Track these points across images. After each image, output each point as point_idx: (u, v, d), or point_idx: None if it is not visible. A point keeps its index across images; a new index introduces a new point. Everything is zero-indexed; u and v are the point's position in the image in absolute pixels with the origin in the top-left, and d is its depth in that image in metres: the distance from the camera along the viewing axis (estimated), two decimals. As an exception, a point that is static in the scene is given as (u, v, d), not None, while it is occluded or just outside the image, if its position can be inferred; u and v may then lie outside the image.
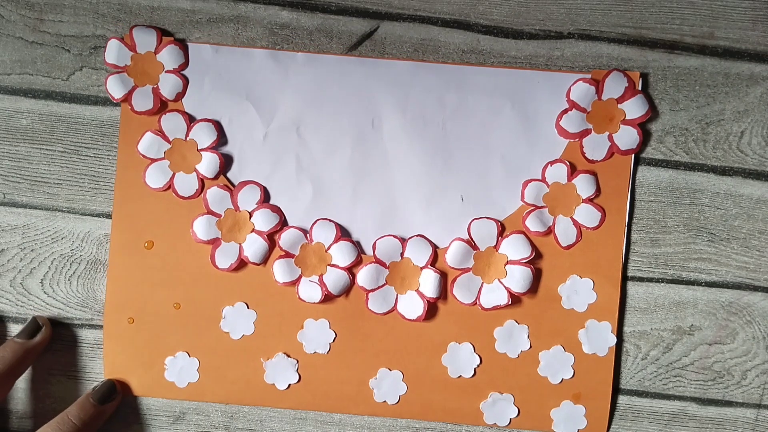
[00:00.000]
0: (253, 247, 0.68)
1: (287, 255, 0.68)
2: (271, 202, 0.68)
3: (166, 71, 0.68)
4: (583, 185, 0.67)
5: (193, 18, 0.68)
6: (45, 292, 0.70)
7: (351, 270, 0.68)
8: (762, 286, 0.69)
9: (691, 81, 0.68)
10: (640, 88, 0.67)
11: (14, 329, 0.69)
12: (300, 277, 0.68)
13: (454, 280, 0.68)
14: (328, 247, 0.68)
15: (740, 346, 0.70)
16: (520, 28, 0.68)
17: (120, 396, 0.69)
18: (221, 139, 0.68)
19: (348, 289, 0.68)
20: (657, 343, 0.69)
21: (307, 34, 0.68)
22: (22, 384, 0.70)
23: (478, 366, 0.69)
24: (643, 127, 0.68)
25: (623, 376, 0.70)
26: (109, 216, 0.69)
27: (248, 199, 0.68)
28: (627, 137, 0.67)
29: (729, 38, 0.68)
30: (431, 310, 0.69)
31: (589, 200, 0.67)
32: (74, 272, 0.69)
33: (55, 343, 0.70)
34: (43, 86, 0.69)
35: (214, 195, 0.68)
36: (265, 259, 0.68)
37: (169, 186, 0.68)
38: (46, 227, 0.69)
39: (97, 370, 0.70)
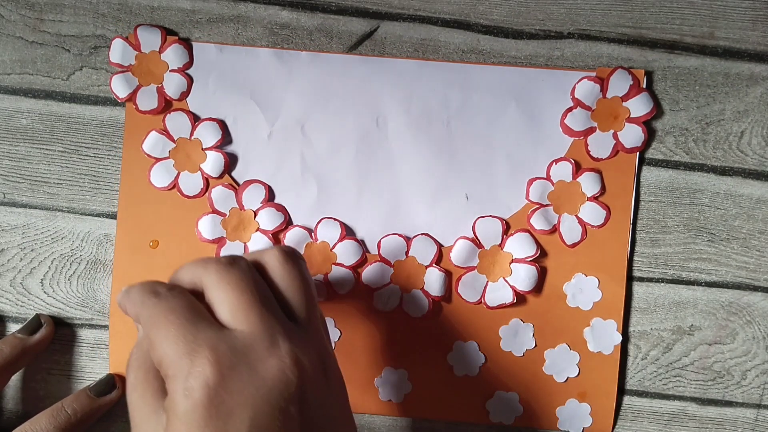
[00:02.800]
0: (258, 246, 0.67)
1: (292, 254, 0.68)
2: (276, 201, 0.68)
3: (171, 70, 0.68)
4: (588, 183, 0.67)
5: (193, 18, 0.68)
6: (45, 292, 0.69)
7: (356, 269, 0.68)
8: (762, 286, 0.70)
9: (691, 81, 0.69)
10: (644, 86, 0.68)
11: (14, 329, 0.69)
12: (305, 275, 0.68)
13: (459, 278, 0.68)
14: (333, 246, 0.68)
15: (740, 346, 0.70)
16: (520, 28, 0.68)
17: (120, 391, 0.68)
18: (226, 138, 0.68)
19: (353, 288, 0.68)
20: (657, 343, 0.70)
21: (307, 34, 0.68)
22: (21, 384, 0.70)
23: (483, 364, 0.69)
24: (648, 125, 0.68)
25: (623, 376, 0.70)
26: (109, 216, 0.69)
27: (253, 198, 0.68)
28: (632, 135, 0.67)
29: (729, 38, 0.69)
30: (436, 308, 0.69)
31: (594, 198, 0.68)
32: (74, 272, 0.69)
33: (55, 343, 0.70)
34: (43, 86, 0.69)
35: (219, 194, 0.67)
36: (270, 258, 0.68)
37: (174, 185, 0.68)
38: (46, 227, 0.69)
39: (97, 370, 0.70)
